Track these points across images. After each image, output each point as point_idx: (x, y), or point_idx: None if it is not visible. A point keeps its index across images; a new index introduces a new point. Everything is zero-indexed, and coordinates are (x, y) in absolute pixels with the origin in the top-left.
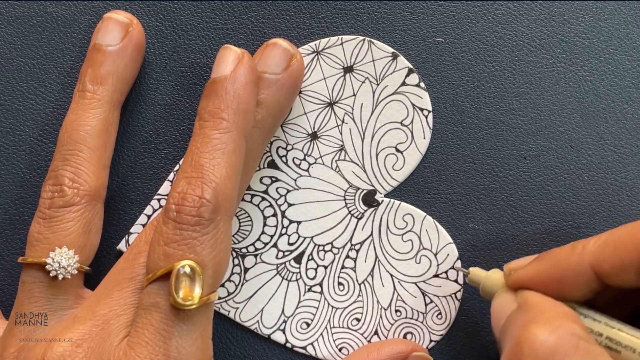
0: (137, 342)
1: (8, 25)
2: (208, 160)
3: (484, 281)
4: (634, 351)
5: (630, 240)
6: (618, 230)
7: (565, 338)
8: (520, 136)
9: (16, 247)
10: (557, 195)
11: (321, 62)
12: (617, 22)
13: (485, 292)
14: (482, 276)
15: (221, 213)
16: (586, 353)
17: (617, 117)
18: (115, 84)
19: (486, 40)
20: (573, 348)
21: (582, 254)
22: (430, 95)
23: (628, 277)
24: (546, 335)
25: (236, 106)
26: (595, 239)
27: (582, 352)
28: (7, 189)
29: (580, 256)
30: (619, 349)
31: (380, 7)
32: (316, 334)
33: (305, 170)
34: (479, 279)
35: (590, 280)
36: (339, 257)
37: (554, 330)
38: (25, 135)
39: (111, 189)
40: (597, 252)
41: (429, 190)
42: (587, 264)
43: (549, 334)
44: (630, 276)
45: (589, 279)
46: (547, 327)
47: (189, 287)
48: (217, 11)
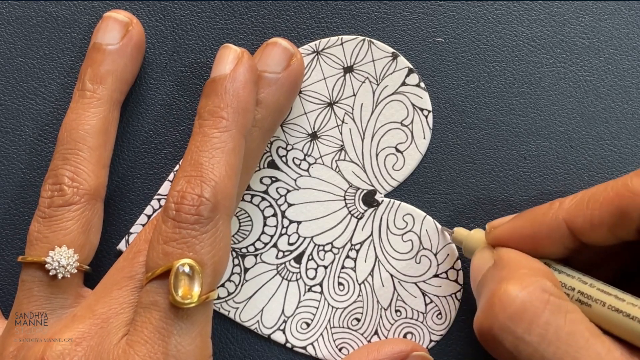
0: (136, 340)
1: (8, 25)
2: (207, 159)
3: (465, 239)
4: (603, 304)
5: (603, 197)
6: (593, 188)
7: (535, 294)
8: (520, 136)
9: (16, 246)
10: (557, 195)
11: (321, 62)
12: (617, 22)
13: (467, 251)
14: (464, 235)
15: (220, 212)
16: (556, 308)
17: (617, 117)
18: (115, 83)
19: (486, 40)
20: (543, 304)
21: (558, 211)
22: (430, 95)
23: (601, 233)
24: (517, 292)
25: (236, 105)
26: (572, 197)
27: (551, 307)
28: (7, 189)
29: (556, 212)
30: (590, 303)
31: (380, 7)
32: (316, 334)
33: (305, 170)
34: (462, 238)
35: (565, 236)
36: (339, 257)
37: (525, 286)
38: (25, 135)
39: (111, 189)
40: (572, 208)
41: (429, 190)
42: (562, 220)
43: (519, 290)
44: (602, 232)
45: (564, 235)
46: (519, 284)
47: (188, 286)
48: (217, 11)
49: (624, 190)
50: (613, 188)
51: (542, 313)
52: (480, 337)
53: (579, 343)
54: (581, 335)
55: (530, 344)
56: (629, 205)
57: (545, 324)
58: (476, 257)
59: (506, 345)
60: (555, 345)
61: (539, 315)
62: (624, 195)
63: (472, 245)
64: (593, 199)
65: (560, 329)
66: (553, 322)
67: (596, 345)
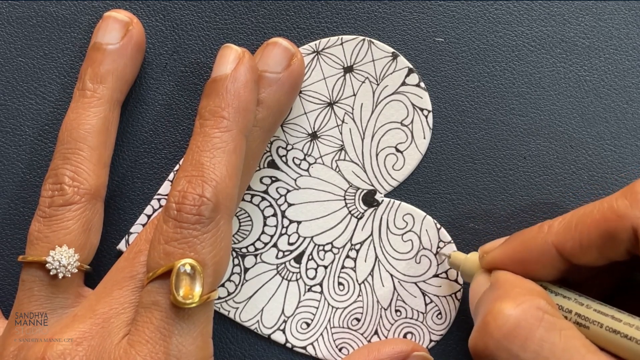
0: (138, 340)
1: (8, 25)
2: (208, 159)
3: (463, 264)
4: (601, 326)
5: (590, 220)
6: (580, 209)
7: (529, 311)
8: (520, 136)
9: (16, 246)
10: (557, 195)
11: (321, 62)
12: (617, 22)
13: (465, 275)
14: (461, 259)
15: (221, 212)
16: (550, 325)
17: (617, 117)
18: (115, 82)
19: (486, 40)
20: (537, 320)
21: (547, 235)
22: (430, 95)
23: (590, 255)
24: (511, 309)
25: (237, 105)
26: (560, 219)
27: (546, 324)
28: (7, 188)
29: (545, 237)
30: (587, 325)
31: (380, 7)
32: (316, 334)
33: (305, 170)
34: (459, 262)
35: (555, 259)
36: (339, 257)
37: (519, 304)
38: (25, 135)
39: (111, 189)
40: (560, 232)
41: (429, 190)
42: (551, 244)
43: (513, 308)
44: (592, 254)
45: (554, 258)
46: (512, 302)
47: (189, 286)
48: (217, 11)
49: (609, 213)
50: (599, 210)
51: (536, 330)
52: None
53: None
54: (577, 352)
55: None
56: (617, 228)
57: (540, 341)
58: (474, 282)
59: None
60: None
61: (533, 332)
62: (610, 218)
63: (469, 269)
64: (581, 221)
65: (556, 345)
66: (548, 338)
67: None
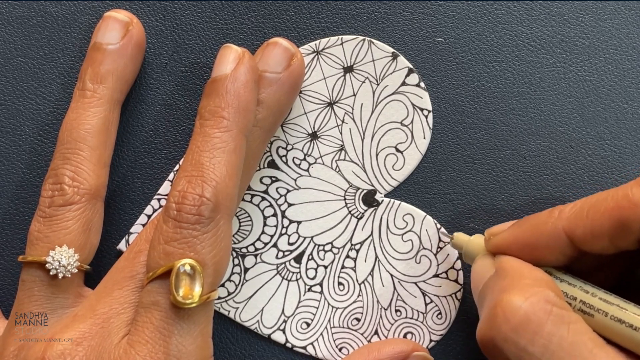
0: (138, 340)
1: (8, 25)
2: (208, 159)
3: (466, 245)
4: (605, 314)
5: (604, 207)
6: (593, 197)
7: (538, 305)
8: (520, 136)
9: (16, 246)
10: (557, 195)
11: (321, 62)
12: (617, 22)
13: (467, 257)
14: (464, 240)
15: (221, 212)
16: (559, 319)
17: (617, 117)
18: (115, 82)
19: (486, 40)
20: (546, 314)
21: (558, 220)
22: (430, 95)
23: (601, 242)
24: (520, 302)
25: (237, 105)
26: (572, 205)
27: (554, 318)
28: (7, 188)
29: (555, 222)
30: (592, 313)
31: (380, 7)
32: (316, 333)
33: (305, 170)
34: (462, 243)
35: (564, 245)
36: (339, 257)
37: (528, 297)
38: (25, 135)
39: (111, 189)
40: (572, 218)
41: (429, 190)
42: (562, 229)
43: (522, 301)
44: (602, 242)
45: (564, 244)
46: (521, 294)
47: (189, 286)
48: (217, 11)
49: (624, 201)
50: (613, 198)
51: (545, 324)
52: (483, 348)
53: (583, 354)
54: (584, 346)
55: (534, 355)
56: (630, 217)
57: (549, 335)
58: (477, 265)
59: (509, 356)
60: (559, 356)
61: (542, 326)
62: (625, 206)
63: (472, 251)
64: (593, 209)
65: (564, 339)
66: (556, 332)
67: (600, 355)
